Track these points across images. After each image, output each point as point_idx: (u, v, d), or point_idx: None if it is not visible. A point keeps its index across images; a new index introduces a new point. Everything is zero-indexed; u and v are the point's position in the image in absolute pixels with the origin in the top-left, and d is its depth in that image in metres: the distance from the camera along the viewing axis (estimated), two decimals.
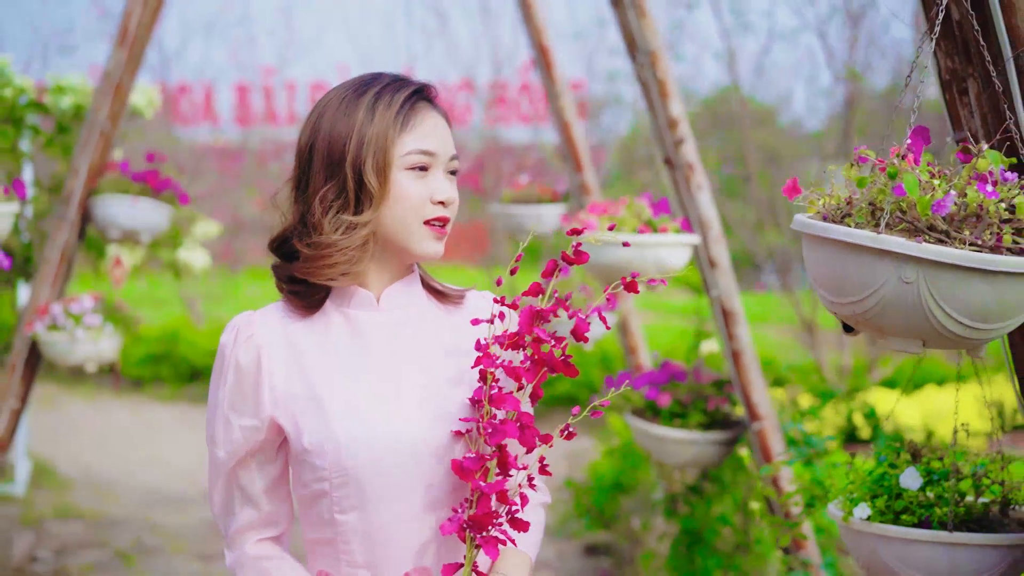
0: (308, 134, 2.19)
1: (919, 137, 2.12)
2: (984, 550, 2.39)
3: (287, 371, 2.20)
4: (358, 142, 2.12)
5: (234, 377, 2.22)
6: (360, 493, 2.15)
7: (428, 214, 2.15)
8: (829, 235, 2.04)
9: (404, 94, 2.16)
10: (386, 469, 2.14)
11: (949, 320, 1.99)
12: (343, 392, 2.17)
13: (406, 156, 2.14)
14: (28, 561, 6.38)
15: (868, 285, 2.01)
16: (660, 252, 4.12)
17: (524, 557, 2.23)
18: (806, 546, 4.24)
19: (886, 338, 2.09)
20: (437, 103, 2.23)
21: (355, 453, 2.13)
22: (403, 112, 2.15)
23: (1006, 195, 2.01)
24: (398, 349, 2.22)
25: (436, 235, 2.18)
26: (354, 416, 2.15)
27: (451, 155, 2.21)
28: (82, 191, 5.64)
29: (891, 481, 2.50)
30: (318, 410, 2.16)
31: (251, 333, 2.22)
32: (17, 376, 5.78)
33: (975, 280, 1.96)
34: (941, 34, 2.35)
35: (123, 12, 5.61)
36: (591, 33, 13.10)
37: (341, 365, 2.20)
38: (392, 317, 2.23)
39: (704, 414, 4.57)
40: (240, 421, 2.22)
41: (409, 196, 2.14)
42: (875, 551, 2.47)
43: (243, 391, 2.22)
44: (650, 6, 4.44)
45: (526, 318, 2.07)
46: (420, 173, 2.15)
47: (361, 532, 2.17)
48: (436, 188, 2.16)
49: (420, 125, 2.17)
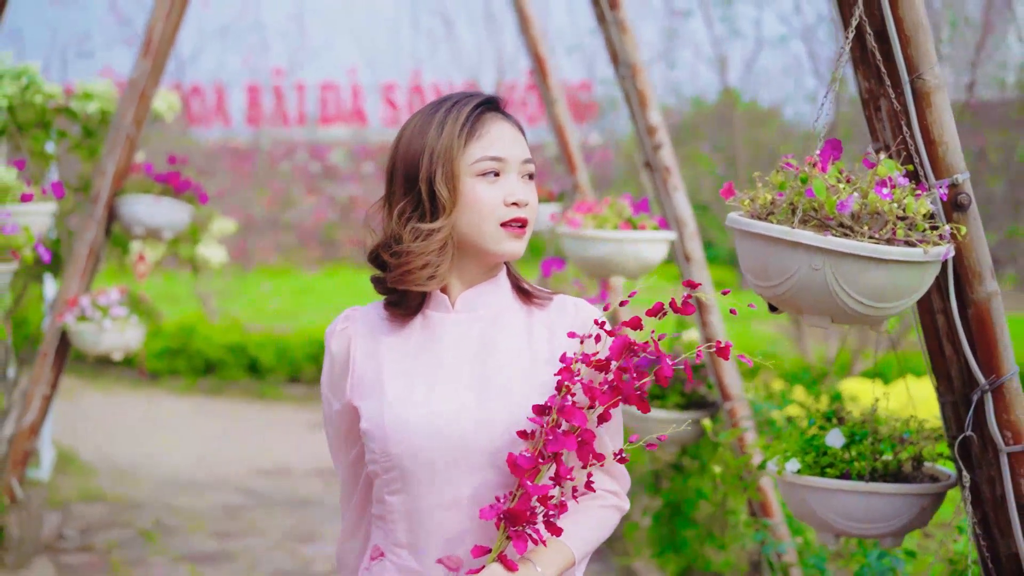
0: (392, 157, 2.32)
1: (831, 148, 2.53)
2: (895, 498, 2.80)
3: (365, 363, 2.34)
4: (429, 157, 2.24)
5: (329, 364, 2.40)
6: (404, 478, 2.27)
7: (503, 216, 2.25)
8: (753, 230, 2.46)
9: (469, 107, 2.28)
10: (428, 457, 2.24)
11: (851, 300, 2.40)
12: (400, 382, 2.29)
13: (475, 164, 2.24)
14: (56, 539, 6.76)
15: (785, 271, 2.42)
16: (639, 248, 4.53)
17: (563, 552, 2.25)
18: (773, 513, 4.66)
19: (802, 315, 2.51)
20: (506, 112, 2.34)
21: (399, 440, 2.25)
22: (468, 123, 2.26)
23: (899, 197, 2.42)
24: (465, 348, 2.30)
25: (514, 235, 2.27)
26: (403, 404, 2.26)
27: (523, 159, 2.29)
28: (109, 191, 6.03)
29: (819, 441, 2.92)
30: (378, 397, 2.30)
31: (346, 326, 2.39)
32: (48, 364, 6.20)
33: (872, 267, 2.37)
34: (860, 60, 2.77)
35: (147, 26, 6.02)
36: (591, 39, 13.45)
37: (407, 359, 2.32)
38: (464, 318, 2.32)
39: (681, 395, 4.97)
40: (335, 404, 2.40)
41: (482, 200, 2.24)
42: (804, 500, 2.89)
43: (335, 377, 2.39)
44: (635, 21, 4.86)
45: (618, 347, 2.13)
46: (492, 179, 2.26)
47: (405, 513, 2.28)
48: (510, 191, 2.26)
49: (487, 134, 2.27)
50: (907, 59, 2.56)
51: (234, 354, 12.20)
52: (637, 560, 6.08)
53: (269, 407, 11.43)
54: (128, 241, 7.03)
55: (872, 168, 2.48)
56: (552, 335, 2.33)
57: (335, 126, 20.58)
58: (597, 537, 2.35)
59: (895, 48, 2.56)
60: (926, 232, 2.45)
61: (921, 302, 2.83)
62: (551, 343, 2.32)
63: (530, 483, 2.11)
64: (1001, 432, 2.63)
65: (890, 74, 2.59)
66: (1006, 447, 2.62)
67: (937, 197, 2.55)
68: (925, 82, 2.58)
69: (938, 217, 2.56)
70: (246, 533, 7.10)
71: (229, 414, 11.14)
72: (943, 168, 2.59)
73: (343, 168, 19.90)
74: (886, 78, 2.58)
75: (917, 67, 2.57)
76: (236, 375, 12.15)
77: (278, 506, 7.72)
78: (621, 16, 4.74)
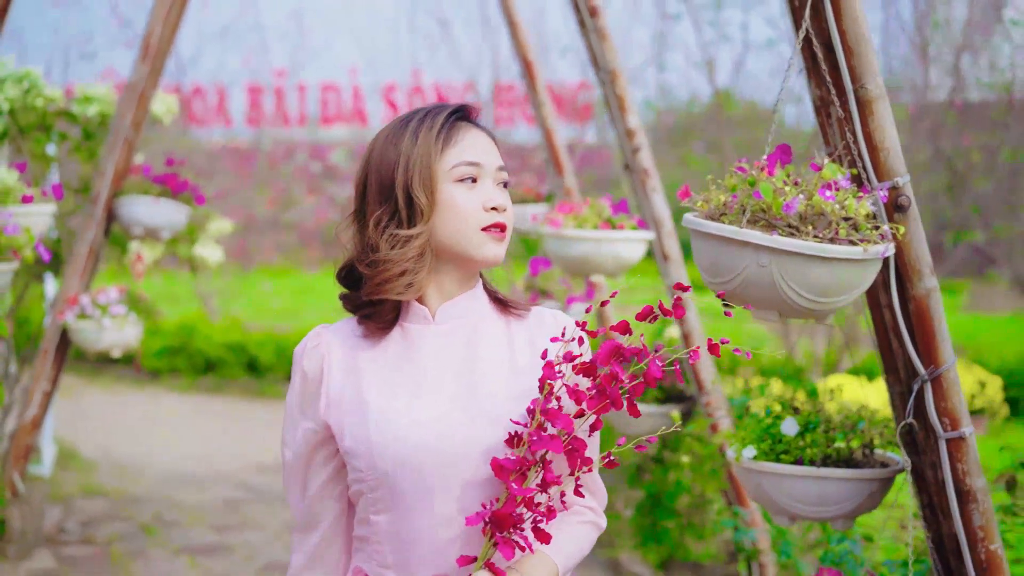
0: (362, 169, 2.30)
1: (781, 153, 2.69)
2: (845, 483, 2.97)
3: (343, 379, 2.29)
4: (405, 165, 2.23)
5: (300, 383, 2.33)
6: (392, 495, 2.22)
7: (484, 221, 2.24)
8: (705, 229, 2.62)
9: (443, 115, 2.27)
10: (417, 472, 2.20)
11: (796, 296, 2.56)
12: (384, 397, 2.24)
13: (452, 170, 2.24)
14: (57, 532, 6.91)
15: (734, 268, 2.59)
16: (617, 247, 4.70)
17: (548, 563, 2.22)
18: (748, 502, 4.82)
19: (751, 309, 2.67)
20: (477, 121, 2.33)
21: (386, 455, 2.20)
22: (444, 130, 2.26)
23: (841, 199, 2.58)
24: (447, 359, 2.28)
25: (495, 239, 2.25)
26: (388, 420, 2.22)
27: (498, 166, 2.29)
28: (108, 192, 6.19)
29: (775, 429, 3.08)
30: (360, 414, 2.24)
31: (318, 343, 2.33)
32: (49, 361, 6.37)
33: (815, 264, 2.53)
34: (812, 70, 2.93)
35: (146, 31, 6.17)
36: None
37: (389, 373, 2.27)
38: (445, 329, 2.30)
39: (660, 390, 5.14)
40: (304, 424, 2.33)
41: (461, 206, 2.23)
42: (760, 485, 3.05)
43: (307, 396, 2.32)
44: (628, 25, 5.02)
45: (606, 352, 2.10)
46: (470, 184, 2.25)
47: (391, 534, 2.24)
48: (488, 196, 2.25)
49: (462, 140, 2.26)
50: (851, 70, 2.73)
51: (234, 353, 12.36)
52: (622, 552, 6.23)
53: (268, 405, 11.58)
54: (127, 241, 7.18)
55: (818, 171, 2.65)
56: (533, 347, 2.31)
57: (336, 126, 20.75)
58: (579, 552, 2.32)
59: (840, 59, 2.73)
60: (868, 232, 2.61)
61: (871, 298, 2.99)
62: (533, 355, 2.29)
63: (515, 486, 2.08)
64: (940, 419, 2.79)
65: (836, 83, 2.76)
66: (944, 433, 2.79)
67: (878, 199, 2.70)
68: (868, 91, 2.74)
69: (880, 218, 2.73)
70: (244, 526, 7.25)
71: (229, 412, 11.30)
72: (885, 172, 2.75)
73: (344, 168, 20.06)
74: (831, 87, 2.74)
75: (860, 77, 2.73)
76: (236, 374, 12.31)
77: (276, 500, 7.87)
78: (601, 23, 4.91)
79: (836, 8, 2.70)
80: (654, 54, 10.29)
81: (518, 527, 2.09)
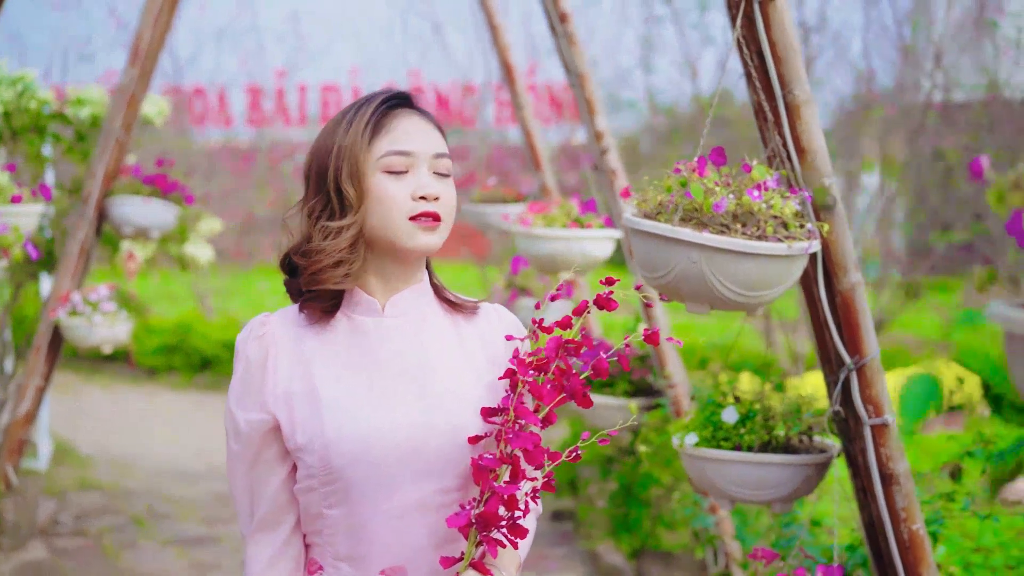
0: (306, 161, 2.30)
1: (716, 155, 2.85)
2: (782, 468, 3.13)
3: (291, 370, 2.26)
4: (336, 155, 2.22)
5: (244, 372, 2.30)
6: (346, 489, 2.20)
7: (412, 210, 2.21)
8: (641, 227, 2.78)
9: (375, 104, 2.25)
10: (372, 466, 2.18)
11: (726, 290, 2.72)
12: (337, 392, 2.22)
13: (381, 159, 2.21)
14: (51, 524, 7.09)
15: (667, 264, 2.75)
16: (585, 244, 4.87)
17: (515, 555, 2.29)
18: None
19: (685, 302, 2.83)
20: (419, 107, 2.30)
21: (342, 450, 2.18)
22: (374, 119, 2.23)
23: (768, 198, 2.74)
24: (397, 353, 2.26)
25: (424, 228, 2.22)
26: (344, 414, 2.20)
27: (434, 153, 2.25)
28: (99, 193, 6.31)
29: (717, 417, 3.24)
30: (312, 408, 2.22)
31: (263, 332, 2.30)
32: (41, 357, 6.52)
33: (742, 260, 2.69)
34: (750, 76, 3.09)
35: (135, 35, 6.32)
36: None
37: (340, 367, 2.25)
38: (395, 323, 2.28)
39: (630, 383, 5.29)
40: (247, 415, 2.29)
41: (390, 196, 2.21)
42: (703, 470, 3.21)
43: (250, 386, 2.29)
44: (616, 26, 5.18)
45: (553, 346, 2.13)
46: (400, 174, 2.22)
47: (345, 526, 2.23)
48: (418, 185, 2.21)
49: (394, 130, 2.23)
50: (780, 77, 2.89)
51: (230, 351, 12.46)
52: (600, 544, 6.40)
53: None
54: (118, 240, 7.33)
55: (748, 173, 2.81)
56: (484, 341, 2.33)
57: None
58: (531, 540, 2.33)
59: (770, 67, 2.89)
60: (795, 230, 2.77)
61: (807, 293, 3.15)
62: (485, 348, 2.32)
63: (496, 484, 2.10)
64: (865, 406, 2.95)
65: (766, 89, 2.92)
66: (868, 420, 2.95)
67: (804, 199, 2.86)
68: (795, 97, 2.91)
69: (807, 216, 2.88)
70: (233, 519, 7.38)
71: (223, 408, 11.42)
72: (812, 173, 2.91)
73: None
74: (761, 93, 2.90)
75: (788, 84, 2.90)
76: (231, 371, 12.41)
77: None
78: (570, 29, 5.07)
79: (766, 20, 2.86)
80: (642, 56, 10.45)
81: (501, 525, 2.12)
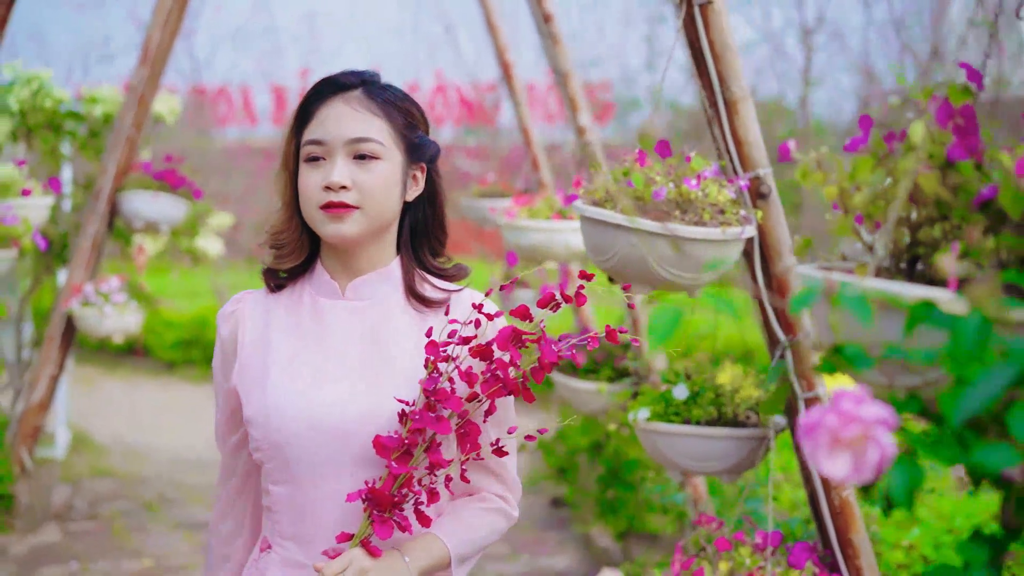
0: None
1: (661, 147, 3.05)
2: (727, 441, 3.33)
3: (254, 346, 2.31)
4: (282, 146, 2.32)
5: (219, 348, 2.37)
6: (287, 467, 2.23)
7: (321, 200, 2.22)
8: (588, 214, 2.99)
9: (308, 93, 2.29)
10: (311, 445, 2.20)
11: (664, 271, 2.93)
12: (286, 369, 2.25)
13: (302, 148, 2.26)
14: (66, 509, 7.32)
15: (611, 248, 2.95)
16: (567, 236, 5.07)
17: (437, 547, 2.24)
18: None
19: (631, 283, 3.04)
20: (355, 90, 2.29)
21: (280, 427, 2.21)
22: (299, 110, 2.29)
23: (704, 187, 2.94)
24: (352, 336, 2.27)
25: (332, 217, 2.22)
26: (287, 391, 2.22)
27: (349, 138, 2.22)
28: (110, 188, 6.56)
29: (668, 394, 3.45)
30: (261, 383, 2.26)
31: (235, 310, 2.36)
32: (55, 346, 6.77)
33: (680, 244, 2.89)
34: (699, 75, 3.29)
35: (145, 36, 6.57)
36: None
37: (294, 345, 2.28)
38: (354, 305, 2.30)
39: (613, 370, 5.50)
40: (225, 386, 2.37)
41: (304, 185, 2.24)
42: (655, 443, 3.42)
43: (226, 360, 2.36)
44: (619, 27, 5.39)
45: (504, 337, 2.10)
46: (317, 163, 2.24)
47: (290, 505, 2.25)
48: (326, 173, 2.21)
49: (315, 118, 2.25)
50: (719, 74, 3.09)
51: None
52: (593, 527, 6.59)
53: None
54: (129, 234, 7.57)
55: (688, 163, 3.01)
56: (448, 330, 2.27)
57: None
58: (480, 539, 2.32)
59: (709, 64, 3.09)
60: (732, 216, 2.98)
61: (753, 276, 3.35)
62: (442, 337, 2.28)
63: (394, 464, 2.08)
64: (799, 381, 3.15)
65: (706, 86, 3.13)
66: (802, 393, 3.15)
67: (740, 187, 3.06)
68: (733, 93, 3.11)
69: (744, 204, 3.09)
70: None
71: None
72: (748, 163, 3.12)
73: None
74: (704, 90, 3.11)
75: (727, 81, 3.10)
76: None
77: None
78: (554, 29, 5.29)
79: (706, 21, 3.07)
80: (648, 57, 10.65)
81: (398, 507, 2.10)
